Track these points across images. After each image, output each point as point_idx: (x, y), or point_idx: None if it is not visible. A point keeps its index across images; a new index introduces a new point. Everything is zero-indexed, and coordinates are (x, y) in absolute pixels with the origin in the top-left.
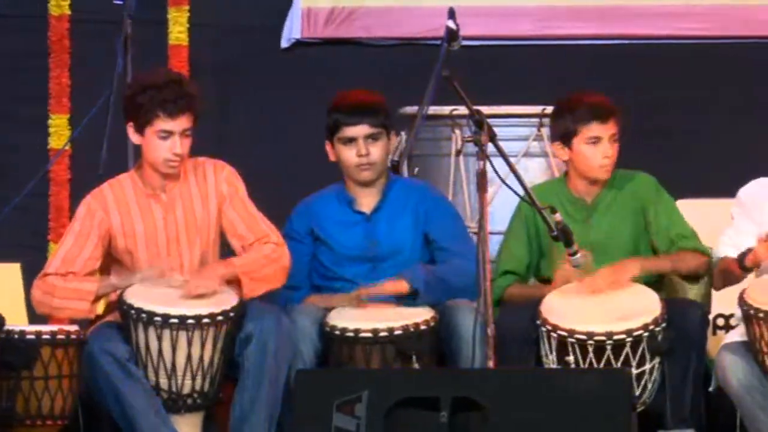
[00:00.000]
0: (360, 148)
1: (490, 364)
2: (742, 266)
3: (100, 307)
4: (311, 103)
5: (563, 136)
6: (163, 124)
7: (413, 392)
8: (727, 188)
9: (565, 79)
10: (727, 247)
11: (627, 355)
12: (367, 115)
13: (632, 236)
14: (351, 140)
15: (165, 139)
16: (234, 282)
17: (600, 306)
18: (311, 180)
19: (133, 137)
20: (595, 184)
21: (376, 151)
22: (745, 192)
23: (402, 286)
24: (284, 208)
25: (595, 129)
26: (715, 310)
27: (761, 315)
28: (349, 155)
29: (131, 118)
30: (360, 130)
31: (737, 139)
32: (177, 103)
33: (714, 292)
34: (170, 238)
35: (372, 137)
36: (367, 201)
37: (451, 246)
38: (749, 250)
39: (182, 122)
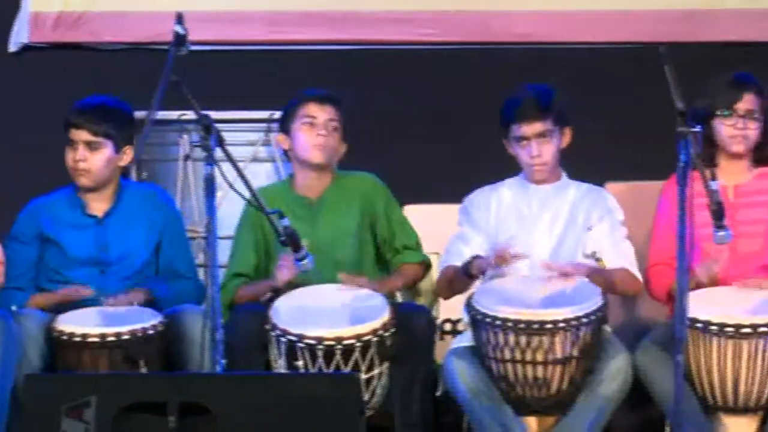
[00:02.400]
0: (76, 153)
1: (219, 368)
2: (467, 274)
3: None
4: (41, 108)
5: (284, 123)
6: None
7: (141, 397)
8: (455, 194)
9: (293, 84)
10: (451, 255)
11: (356, 359)
12: (88, 121)
13: (357, 234)
14: (73, 143)
15: None
16: None
17: (329, 311)
18: (43, 183)
19: None
20: (318, 178)
21: (94, 158)
22: (470, 199)
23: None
24: (15, 211)
25: (312, 109)
26: (442, 314)
27: (488, 320)
28: (69, 158)
29: None
30: (79, 134)
31: (465, 144)
32: None
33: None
34: None
35: (91, 144)
36: (98, 205)
37: (176, 266)
38: (475, 258)
39: None
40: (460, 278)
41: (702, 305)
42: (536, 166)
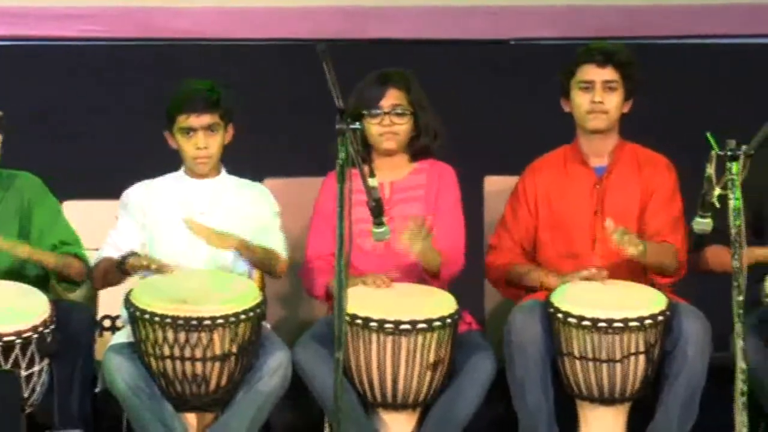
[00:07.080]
0: None
1: None
2: (121, 269)
3: None
4: None
5: None
6: None
7: None
8: (114, 190)
9: None
10: (109, 248)
11: (17, 356)
12: None
13: (17, 235)
14: None
15: None
16: None
17: None
18: None
19: None
20: None
21: None
22: (128, 193)
23: None
24: None
25: None
26: (101, 310)
27: (146, 316)
28: None
29: None
30: None
31: (126, 141)
32: None
33: (101, 294)
34: None
35: None
36: None
37: None
38: (132, 254)
39: None
40: (115, 272)
41: (362, 302)
42: (201, 158)
